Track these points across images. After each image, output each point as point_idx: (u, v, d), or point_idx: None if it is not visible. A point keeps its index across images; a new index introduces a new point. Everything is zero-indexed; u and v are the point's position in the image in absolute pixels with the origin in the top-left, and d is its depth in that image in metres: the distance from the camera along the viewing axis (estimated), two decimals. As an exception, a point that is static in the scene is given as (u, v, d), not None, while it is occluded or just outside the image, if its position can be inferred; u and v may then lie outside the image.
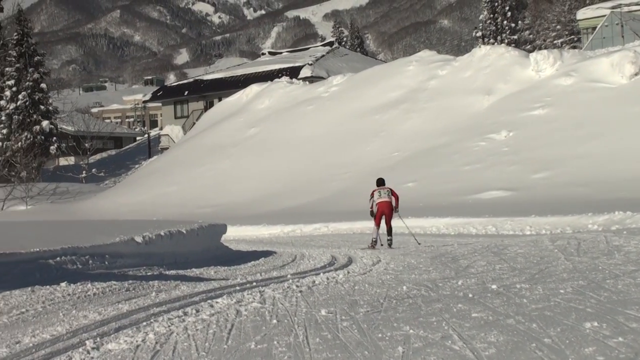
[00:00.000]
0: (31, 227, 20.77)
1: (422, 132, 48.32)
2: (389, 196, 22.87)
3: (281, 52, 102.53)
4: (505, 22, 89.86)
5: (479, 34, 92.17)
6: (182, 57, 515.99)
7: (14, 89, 76.17)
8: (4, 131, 74.96)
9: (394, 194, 23.06)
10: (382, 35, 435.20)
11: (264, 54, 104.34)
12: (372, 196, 23.10)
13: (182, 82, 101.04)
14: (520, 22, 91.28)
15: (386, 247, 21.89)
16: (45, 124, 76.91)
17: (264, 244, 26.64)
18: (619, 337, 7.08)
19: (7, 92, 75.92)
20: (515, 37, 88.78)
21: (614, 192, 30.17)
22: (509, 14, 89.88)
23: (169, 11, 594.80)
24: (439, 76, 55.13)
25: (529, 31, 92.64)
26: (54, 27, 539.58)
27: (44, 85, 79.03)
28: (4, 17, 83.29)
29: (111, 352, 7.60)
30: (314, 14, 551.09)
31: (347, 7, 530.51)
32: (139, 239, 16.62)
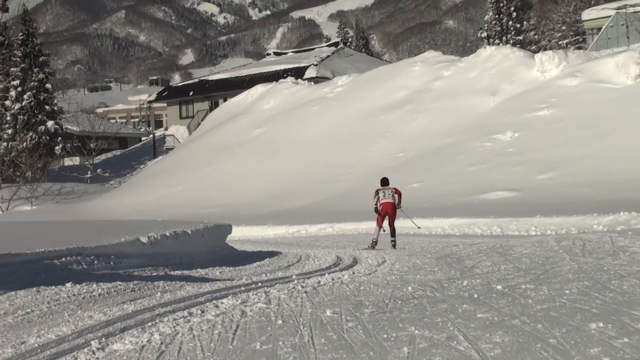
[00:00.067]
0: (36, 228, 20.78)
1: (428, 132, 48.31)
2: (392, 197, 22.86)
3: (286, 53, 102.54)
4: (510, 22, 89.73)
5: (484, 35, 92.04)
6: (187, 57, 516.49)
7: (19, 89, 76.23)
8: (9, 131, 74.98)
9: (397, 192, 23.05)
10: (387, 35, 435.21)
11: (269, 55, 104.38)
12: (376, 194, 23.11)
13: (187, 82, 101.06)
14: (525, 22, 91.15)
15: (390, 248, 21.85)
16: (50, 124, 76.98)
17: (269, 245, 26.64)
18: (624, 338, 7.08)
19: (12, 92, 75.99)
20: (520, 37, 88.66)
21: (619, 193, 30.15)
22: (514, 15, 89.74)
23: (174, 11, 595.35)
24: (444, 77, 55.11)
25: (534, 32, 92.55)
26: (59, 27, 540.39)
27: (49, 85, 79.12)
28: (9, 17, 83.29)
29: (116, 353, 7.61)
30: (319, 14, 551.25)
31: (352, 8, 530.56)
32: (144, 240, 16.62)
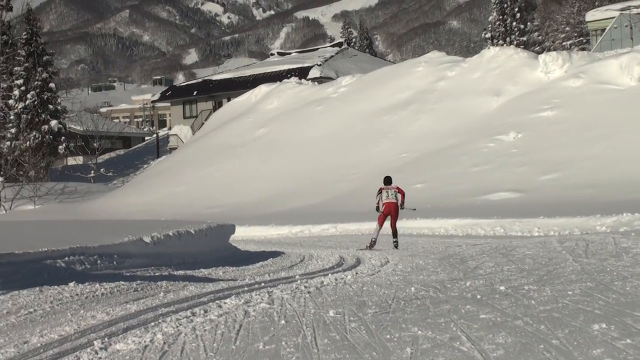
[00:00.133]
0: (39, 227, 20.78)
1: (431, 133, 48.28)
2: (395, 197, 22.78)
3: (290, 53, 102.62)
4: (514, 23, 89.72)
5: (488, 35, 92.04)
6: (191, 57, 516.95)
7: (23, 88, 76.36)
8: (13, 130, 75.10)
9: (400, 191, 22.99)
10: (391, 36, 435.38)
11: (272, 55, 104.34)
12: (379, 192, 23.06)
13: (191, 82, 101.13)
14: (529, 23, 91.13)
15: (392, 248, 21.80)
16: (53, 123, 77.09)
17: (272, 245, 26.62)
18: (627, 339, 7.08)
19: (16, 92, 76.10)
20: (524, 38, 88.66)
21: (623, 194, 30.12)
22: (518, 16, 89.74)
23: (178, 11, 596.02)
24: (447, 77, 55.07)
25: (538, 33, 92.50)
26: (63, 26, 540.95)
27: (52, 84, 79.27)
28: (13, 16, 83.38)
29: (119, 353, 7.61)
30: (323, 14, 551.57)
31: (356, 8, 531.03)
32: (147, 239, 16.61)
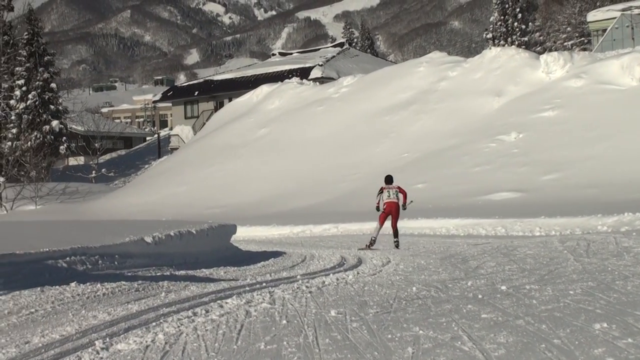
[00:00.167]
0: (40, 227, 20.79)
1: (432, 133, 48.29)
2: (396, 196, 22.76)
3: (291, 53, 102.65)
4: (515, 23, 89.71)
5: (490, 36, 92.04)
6: (192, 57, 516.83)
7: (24, 88, 76.39)
8: (14, 131, 75.13)
9: (402, 191, 22.95)
10: (393, 36, 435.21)
11: (274, 55, 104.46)
12: (380, 192, 23.02)
13: (192, 82, 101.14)
14: (530, 23, 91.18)
15: (393, 248, 21.78)
16: (55, 123, 77.13)
17: (274, 245, 26.61)
18: (628, 338, 7.07)
19: (17, 92, 76.11)
20: (525, 38, 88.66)
21: (624, 194, 30.11)
22: (520, 16, 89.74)
23: (180, 11, 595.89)
24: (449, 77, 55.08)
25: (540, 33, 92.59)
26: (64, 26, 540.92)
27: (54, 84, 79.32)
28: (14, 16, 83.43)
29: (120, 353, 7.60)
30: (325, 14, 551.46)
31: (357, 8, 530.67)
32: (148, 239, 16.60)
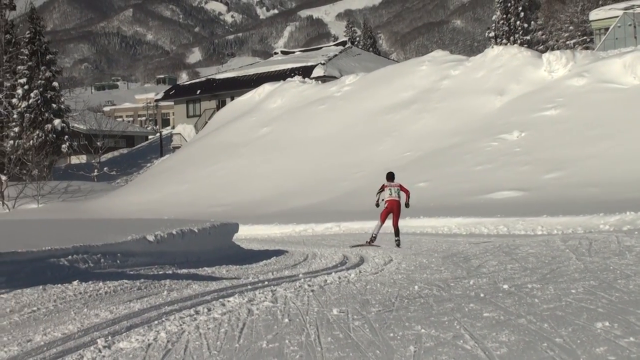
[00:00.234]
0: (43, 226, 20.81)
1: (434, 132, 48.25)
2: (398, 194, 22.69)
3: (294, 52, 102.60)
4: (518, 22, 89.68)
5: (492, 34, 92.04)
6: (194, 56, 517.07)
7: (26, 87, 76.45)
8: (16, 129, 75.20)
9: (404, 189, 22.90)
10: (395, 35, 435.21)
11: (276, 54, 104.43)
12: (381, 189, 22.95)
13: (194, 81, 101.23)
14: (533, 22, 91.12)
15: (394, 246, 21.75)
16: (57, 122, 77.17)
17: (276, 243, 26.60)
18: (630, 337, 7.07)
19: (19, 91, 76.19)
20: (528, 37, 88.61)
21: (626, 193, 30.06)
22: (522, 15, 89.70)
23: (182, 10, 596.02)
24: (451, 76, 55.03)
25: (542, 32, 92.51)
26: (66, 25, 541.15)
27: (56, 83, 79.38)
28: (16, 15, 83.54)
29: (122, 351, 7.60)
30: (327, 13, 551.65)
31: (360, 7, 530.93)
32: (150, 238, 16.60)
